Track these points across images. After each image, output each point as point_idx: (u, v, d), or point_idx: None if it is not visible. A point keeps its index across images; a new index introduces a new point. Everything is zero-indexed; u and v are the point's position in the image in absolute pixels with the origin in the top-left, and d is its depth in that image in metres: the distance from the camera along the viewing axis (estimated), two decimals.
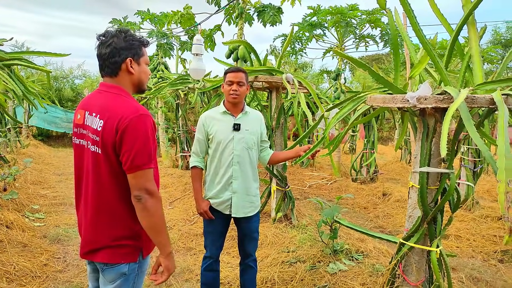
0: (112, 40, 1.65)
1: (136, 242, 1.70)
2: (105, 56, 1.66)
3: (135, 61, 1.70)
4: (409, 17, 2.37)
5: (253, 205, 2.66)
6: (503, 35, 22.06)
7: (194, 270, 3.62)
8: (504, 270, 3.83)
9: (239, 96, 2.54)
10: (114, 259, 1.68)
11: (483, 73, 2.32)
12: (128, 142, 1.55)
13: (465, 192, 5.72)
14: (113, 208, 1.66)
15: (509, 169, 1.69)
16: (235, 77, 2.53)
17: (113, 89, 1.68)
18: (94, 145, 1.62)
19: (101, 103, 1.65)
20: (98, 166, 1.63)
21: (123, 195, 1.65)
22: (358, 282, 3.03)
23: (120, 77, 1.70)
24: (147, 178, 1.59)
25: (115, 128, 1.56)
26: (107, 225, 1.67)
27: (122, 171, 1.61)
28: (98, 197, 1.65)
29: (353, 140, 10.73)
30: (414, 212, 2.68)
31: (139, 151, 1.55)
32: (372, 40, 8.95)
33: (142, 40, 1.76)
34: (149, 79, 9.65)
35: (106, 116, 1.59)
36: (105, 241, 1.67)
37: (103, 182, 1.63)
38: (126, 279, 1.71)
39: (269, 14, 5.39)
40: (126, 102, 1.63)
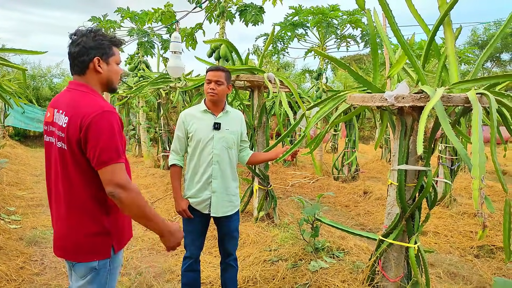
0: (82, 39, 1.68)
1: (106, 238, 1.72)
2: (74, 55, 1.69)
3: (103, 61, 1.72)
4: (387, 17, 2.41)
5: (233, 204, 2.65)
6: (480, 36, 22.67)
7: (175, 270, 3.59)
8: (479, 265, 3.93)
9: (216, 95, 2.52)
10: (85, 256, 1.69)
11: (458, 73, 2.38)
12: (92, 139, 1.57)
13: (442, 190, 5.84)
14: (82, 204, 1.67)
15: (483, 166, 1.74)
16: (214, 76, 2.52)
17: (81, 87, 1.71)
18: (60, 141, 1.65)
19: (67, 100, 1.68)
20: (65, 162, 1.66)
21: (91, 190, 1.67)
22: (338, 279, 3.06)
23: (87, 76, 1.72)
24: (116, 173, 1.59)
25: (79, 125, 1.58)
26: (76, 221, 1.69)
27: (89, 167, 1.63)
28: (68, 193, 1.67)
29: (335, 139, 10.83)
30: (393, 209, 2.73)
31: (104, 147, 1.57)
32: (353, 40, 9.06)
33: (114, 40, 1.78)
34: (130, 78, 9.54)
35: (71, 113, 1.62)
36: (76, 237, 1.69)
37: (71, 178, 1.66)
38: (96, 274, 1.72)
39: (251, 14, 5.39)
40: (91, 100, 1.65)
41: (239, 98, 5.15)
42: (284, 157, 2.74)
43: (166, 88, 6.92)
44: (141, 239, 4.41)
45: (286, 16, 8.42)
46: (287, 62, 21.41)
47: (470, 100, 2.04)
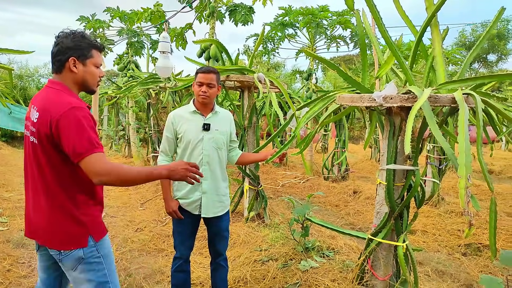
0: (62, 40, 1.77)
1: (81, 228, 1.77)
2: (53, 54, 1.78)
3: (79, 61, 1.79)
4: (375, 18, 2.43)
5: (223, 204, 2.65)
6: (467, 37, 23.02)
7: (165, 271, 3.57)
8: (467, 263, 3.99)
9: (208, 97, 2.52)
10: (62, 244, 1.75)
11: (445, 73, 2.41)
12: (64, 135, 1.63)
13: (431, 189, 5.92)
14: (53, 196, 1.73)
15: (469, 165, 1.77)
16: (206, 79, 2.51)
17: (56, 85, 1.77)
18: (32, 135, 1.74)
19: (42, 97, 1.76)
20: (36, 155, 1.73)
21: (62, 183, 1.73)
22: (328, 279, 3.08)
23: (63, 75, 1.79)
24: (95, 163, 1.63)
25: (49, 122, 1.64)
26: (54, 211, 1.74)
27: (60, 161, 1.70)
28: (40, 185, 1.75)
29: (325, 139, 10.89)
30: (382, 208, 2.75)
31: (77, 140, 1.62)
32: (342, 41, 9.12)
33: (95, 43, 1.85)
34: (120, 78, 9.46)
35: (41, 109, 1.69)
36: (54, 226, 1.75)
37: (42, 171, 1.73)
38: (86, 263, 1.78)
39: (241, 14, 5.39)
40: (61, 97, 1.71)
41: (229, 98, 5.14)
42: (273, 159, 2.74)
43: (156, 88, 6.89)
44: (131, 240, 4.38)
45: (276, 16, 8.44)
46: (277, 63, 21.46)
47: (457, 101, 2.07)
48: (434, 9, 2.40)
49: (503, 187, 7.64)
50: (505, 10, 2.49)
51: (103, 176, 1.63)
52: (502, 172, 10.32)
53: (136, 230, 4.75)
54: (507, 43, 23.02)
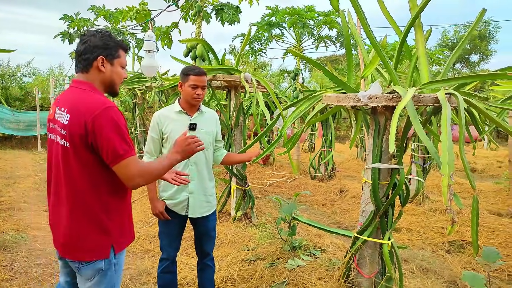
0: (89, 38, 1.72)
1: (106, 237, 1.71)
2: (79, 53, 1.72)
3: (107, 61, 1.75)
4: (360, 19, 2.46)
5: (210, 204, 2.65)
6: (450, 38, 23.44)
7: (152, 272, 3.55)
8: (450, 260, 4.07)
9: (201, 99, 2.54)
10: (85, 256, 1.69)
11: (429, 73, 2.45)
12: (101, 136, 1.57)
13: (415, 187, 6.01)
14: (84, 201, 1.67)
15: (452, 164, 1.80)
16: (200, 82, 2.50)
17: (82, 85, 1.72)
18: (62, 139, 1.66)
19: (69, 98, 1.70)
20: (67, 160, 1.65)
21: (94, 189, 1.67)
22: (315, 277, 3.10)
23: (90, 74, 1.74)
24: (131, 166, 1.62)
25: (83, 122, 1.58)
26: (79, 219, 1.68)
27: (94, 164, 1.64)
28: (71, 191, 1.67)
29: (312, 139, 10.95)
30: (367, 207, 2.78)
31: (116, 142, 1.58)
32: (329, 41, 9.18)
33: (122, 44, 1.82)
34: None
35: (72, 111, 1.63)
36: (78, 235, 1.68)
37: (73, 176, 1.65)
38: (104, 275, 1.73)
39: (227, 13, 5.37)
40: (92, 97, 1.66)
41: (216, 98, 5.13)
42: (258, 160, 2.75)
43: (142, 88, 6.82)
44: None
45: (263, 16, 8.45)
46: (264, 62, 21.49)
47: (440, 100, 2.11)
48: (417, 10, 2.44)
49: (485, 185, 7.81)
50: (486, 12, 2.54)
51: (139, 178, 1.62)
52: (484, 170, 10.53)
53: None
54: (488, 44, 23.53)
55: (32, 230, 4.71)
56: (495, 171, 10.35)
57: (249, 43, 9.05)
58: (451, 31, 23.18)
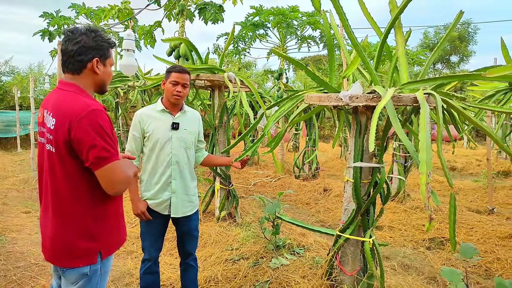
0: (81, 38, 1.66)
1: (93, 244, 1.68)
2: (71, 53, 1.65)
3: (101, 62, 1.72)
4: (341, 19, 2.49)
5: (192, 204, 2.64)
6: (431, 39, 23.90)
7: (134, 274, 3.51)
8: (431, 257, 4.15)
9: (181, 97, 2.51)
10: (70, 261, 1.66)
11: (408, 74, 2.50)
12: (83, 139, 1.54)
13: (397, 186, 6.11)
14: (69, 209, 1.64)
15: (429, 162, 1.84)
16: (181, 79, 2.48)
17: (68, 86, 1.67)
18: (49, 143, 1.63)
19: (55, 101, 1.65)
20: (53, 165, 1.62)
21: (78, 195, 1.63)
22: (298, 275, 3.12)
23: (83, 76, 1.69)
24: (116, 171, 1.59)
25: (67, 127, 1.55)
26: (62, 226, 1.65)
27: (78, 170, 1.60)
28: (54, 197, 1.64)
29: (296, 139, 11.02)
30: (349, 205, 2.82)
31: (97, 146, 1.55)
32: (313, 41, 9.26)
33: (111, 42, 1.78)
34: None
35: (57, 114, 1.59)
36: (61, 242, 1.65)
37: (58, 182, 1.62)
38: (88, 280, 1.69)
39: (210, 12, 5.36)
40: (78, 100, 1.62)
41: (199, 97, 5.11)
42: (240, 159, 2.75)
43: (124, 87, 6.74)
44: None
45: (247, 16, 8.47)
46: (249, 62, 21.49)
47: (418, 100, 2.16)
48: (397, 12, 2.48)
49: (465, 183, 7.99)
50: (463, 14, 2.60)
51: (121, 184, 1.60)
52: (464, 169, 10.77)
53: None
54: (468, 45, 24.09)
55: (11, 233, 4.60)
56: (474, 169, 10.60)
57: (233, 42, 9.05)
58: (432, 32, 23.65)
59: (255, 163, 10.36)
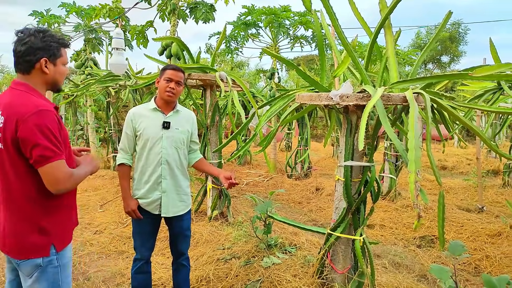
0: (29, 38, 1.68)
1: (46, 238, 1.73)
2: (19, 54, 1.68)
3: (50, 62, 1.74)
4: (331, 19, 2.50)
5: (184, 204, 2.62)
6: (423, 39, 24.10)
7: (126, 274, 3.49)
8: (421, 255, 4.19)
9: (174, 95, 2.49)
10: (23, 254, 1.70)
11: (398, 73, 2.52)
12: (28, 138, 1.58)
13: (388, 185, 6.16)
14: (19, 204, 1.70)
15: (418, 161, 1.86)
16: (176, 76, 2.48)
17: (20, 86, 1.71)
18: None
19: (6, 100, 1.68)
20: (3, 162, 1.67)
21: (28, 192, 1.68)
22: (290, 274, 3.13)
23: (32, 75, 1.72)
24: (59, 169, 1.62)
25: (14, 125, 1.59)
26: (14, 221, 1.70)
27: (27, 168, 1.65)
28: (6, 193, 1.69)
29: (289, 138, 11.04)
30: (340, 203, 2.84)
31: (40, 145, 1.58)
32: (305, 41, 9.27)
33: (62, 42, 1.79)
34: (77, 75, 9.09)
35: (6, 113, 1.63)
36: (14, 235, 1.70)
37: (8, 178, 1.67)
38: (43, 271, 1.73)
39: (202, 11, 5.34)
40: (28, 99, 1.66)
41: (192, 97, 5.10)
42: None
43: (116, 87, 6.70)
44: (89, 243, 4.24)
45: (239, 15, 8.45)
46: (241, 61, 21.49)
47: (408, 99, 2.18)
48: (387, 12, 2.50)
49: (455, 182, 8.07)
50: (452, 14, 2.63)
51: (64, 183, 1.63)
52: (455, 168, 10.89)
53: (95, 232, 4.60)
54: (458, 45, 24.33)
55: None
56: (464, 168, 10.71)
57: (225, 42, 9.04)
58: (424, 32, 23.85)
59: (247, 163, 10.36)
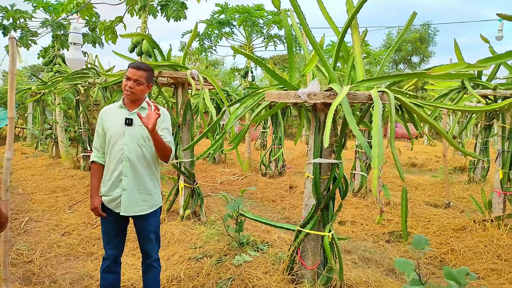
0: None
1: None
2: None
3: None
4: (299, 18, 2.52)
5: (147, 203, 2.54)
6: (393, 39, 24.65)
7: (94, 275, 3.42)
8: (390, 250, 4.31)
9: (133, 94, 2.45)
10: None
11: (363, 72, 2.57)
12: None
13: (359, 182, 6.28)
14: None
15: (381, 157, 1.91)
16: (133, 75, 2.43)
17: None
18: None
19: None
20: None
21: None
22: (261, 271, 3.15)
23: None
24: None
25: None
26: None
27: None
28: None
29: (264, 137, 11.08)
30: (310, 200, 2.88)
31: None
32: (279, 40, 9.32)
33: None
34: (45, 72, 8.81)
35: None
36: None
37: None
38: None
39: (173, 9, 5.28)
40: None
41: (164, 96, 5.04)
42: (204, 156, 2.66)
43: (85, 84, 6.53)
44: (57, 245, 4.12)
45: (212, 13, 8.41)
46: (216, 60, 21.39)
47: (373, 98, 2.23)
48: (353, 11, 2.55)
49: (424, 179, 8.33)
50: (416, 15, 2.70)
51: None
52: (424, 165, 11.23)
53: (63, 234, 4.48)
54: (428, 46, 25.06)
55: None
56: (433, 165, 11.07)
57: (198, 40, 8.97)
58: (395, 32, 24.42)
59: (222, 162, 10.33)
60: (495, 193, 4.78)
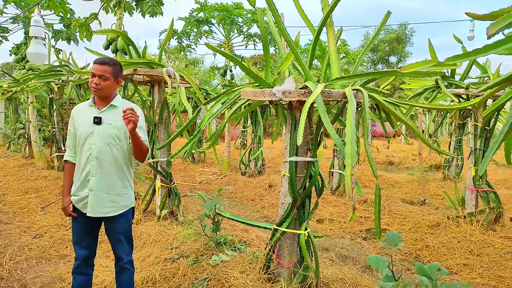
0: None
1: None
2: None
3: None
4: (274, 16, 2.51)
5: (116, 205, 2.47)
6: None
7: (66, 278, 3.32)
8: (367, 247, 4.35)
9: (100, 90, 2.38)
10: None
11: (338, 70, 2.58)
12: None
13: (337, 180, 6.33)
14: None
15: (354, 155, 1.91)
16: (98, 70, 2.36)
17: None
18: None
19: None
20: None
21: None
22: (238, 271, 3.12)
23: None
24: None
25: None
26: None
27: None
28: None
29: (244, 136, 11.06)
30: (286, 199, 2.87)
31: None
32: (258, 38, 9.31)
33: None
34: (17, 70, 8.53)
35: None
36: None
37: None
38: None
39: (148, 5, 5.18)
40: None
41: (139, 93, 4.94)
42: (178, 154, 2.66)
43: (59, 82, 6.35)
44: (28, 247, 3.99)
45: (191, 11, 8.33)
46: (196, 59, 21.23)
47: (347, 96, 2.24)
48: (328, 10, 2.55)
49: (401, 177, 8.48)
50: (390, 15, 2.73)
51: None
52: (401, 163, 11.44)
53: (35, 236, 4.34)
54: (405, 46, 25.56)
55: None
56: (410, 163, 11.29)
57: (177, 38, 8.87)
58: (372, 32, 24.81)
59: (201, 161, 10.26)
60: (468, 190, 4.90)
